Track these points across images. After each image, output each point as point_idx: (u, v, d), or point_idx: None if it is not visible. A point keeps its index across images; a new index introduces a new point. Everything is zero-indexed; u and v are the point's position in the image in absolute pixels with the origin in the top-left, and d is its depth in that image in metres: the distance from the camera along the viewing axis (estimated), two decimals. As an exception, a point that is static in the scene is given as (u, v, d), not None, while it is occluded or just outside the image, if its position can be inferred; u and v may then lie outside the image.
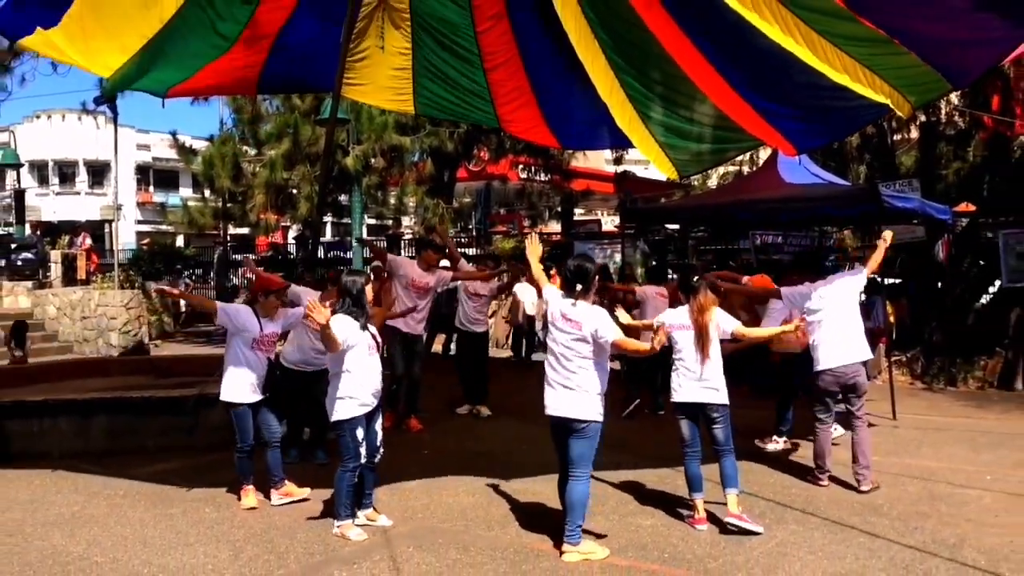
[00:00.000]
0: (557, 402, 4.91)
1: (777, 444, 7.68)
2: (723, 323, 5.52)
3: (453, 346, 14.92)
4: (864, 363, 6.52)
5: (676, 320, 5.62)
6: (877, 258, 6.56)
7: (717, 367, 5.47)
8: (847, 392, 6.42)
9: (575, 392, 4.85)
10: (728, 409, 5.52)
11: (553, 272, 10.27)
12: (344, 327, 5.19)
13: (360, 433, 5.26)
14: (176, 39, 6.29)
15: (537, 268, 5.35)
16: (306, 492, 6.08)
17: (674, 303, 10.33)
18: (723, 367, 5.52)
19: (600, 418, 4.88)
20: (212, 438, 7.30)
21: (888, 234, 6.60)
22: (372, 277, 6.21)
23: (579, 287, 4.93)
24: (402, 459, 7.06)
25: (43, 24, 5.88)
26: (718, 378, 5.46)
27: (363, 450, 5.27)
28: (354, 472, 5.27)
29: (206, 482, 6.44)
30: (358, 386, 5.25)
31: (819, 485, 6.37)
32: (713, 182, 20.23)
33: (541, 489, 6.07)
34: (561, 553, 4.87)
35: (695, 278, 5.75)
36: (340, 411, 5.25)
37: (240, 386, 5.93)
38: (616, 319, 5.26)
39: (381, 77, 7.52)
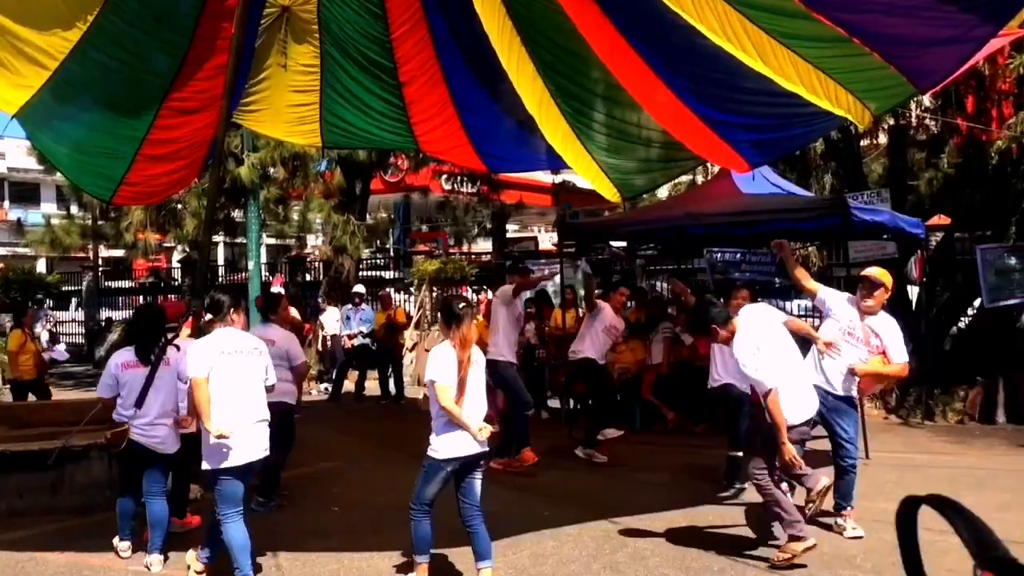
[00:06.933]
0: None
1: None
2: None
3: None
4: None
5: None
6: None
7: None
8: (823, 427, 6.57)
9: None
10: None
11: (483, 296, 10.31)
12: None
13: None
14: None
15: None
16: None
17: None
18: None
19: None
20: (79, 498, 7.08)
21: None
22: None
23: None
24: (308, 517, 6.94)
25: None
26: None
27: None
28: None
29: (72, 549, 6.23)
30: None
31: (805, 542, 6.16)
32: (663, 193, 20.45)
33: (459, 546, 5.99)
34: None
35: None
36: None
37: None
38: None
39: (281, 103, 7.46)
